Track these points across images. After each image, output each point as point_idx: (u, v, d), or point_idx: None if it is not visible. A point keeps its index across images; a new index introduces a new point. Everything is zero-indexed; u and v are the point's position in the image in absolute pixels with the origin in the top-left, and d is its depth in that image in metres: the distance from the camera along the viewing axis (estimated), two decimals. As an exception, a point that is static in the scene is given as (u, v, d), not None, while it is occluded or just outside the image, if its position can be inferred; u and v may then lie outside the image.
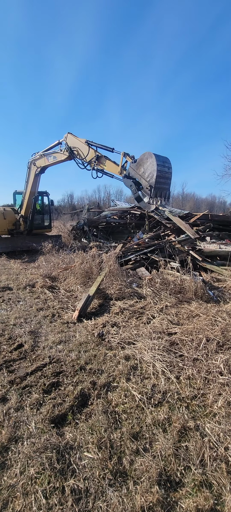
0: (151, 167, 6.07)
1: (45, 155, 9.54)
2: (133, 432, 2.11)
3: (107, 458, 1.86)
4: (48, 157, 9.48)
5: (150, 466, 1.80)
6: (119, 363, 3.04)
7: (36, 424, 2.17)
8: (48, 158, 9.45)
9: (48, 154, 9.45)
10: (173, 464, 1.82)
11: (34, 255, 9.87)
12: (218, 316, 3.95)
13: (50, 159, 9.40)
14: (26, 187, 10.73)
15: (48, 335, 3.80)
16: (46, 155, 9.52)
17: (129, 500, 1.60)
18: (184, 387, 2.64)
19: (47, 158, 9.52)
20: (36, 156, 9.91)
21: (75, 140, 8.25)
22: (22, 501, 1.59)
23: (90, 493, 1.64)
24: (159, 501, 1.57)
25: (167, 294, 5.05)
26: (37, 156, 9.83)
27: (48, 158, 9.49)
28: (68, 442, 2.00)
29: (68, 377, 2.81)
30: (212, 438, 2.02)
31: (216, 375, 2.75)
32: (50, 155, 9.41)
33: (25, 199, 10.96)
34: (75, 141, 8.25)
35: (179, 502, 1.60)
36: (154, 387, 2.63)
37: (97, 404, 2.40)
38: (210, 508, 1.55)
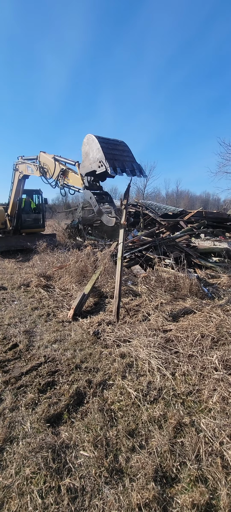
0: (94, 145, 4.93)
1: (25, 164, 9.12)
2: (129, 429, 2.11)
3: (103, 456, 1.86)
4: (27, 167, 9.02)
5: (146, 462, 1.80)
6: (114, 361, 3.04)
7: (32, 424, 2.16)
8: (28, 168, 9.00)
9: (28, 164, 8.97)
10: (169, 460, 1.83)
11: (29, 254, 9.78)
12: (212, 313, 3.98)
13: (29, 170, 8.93)
14: (11, 187, 10.63)
15: (43, 334, 3.77)
16: (26, 165, 9.05)
17: (125, 497, 1.60)
18: (180, 383, 2.65)
19: (27, 167, 9.07)
20: (19, 160, 9.53)
21: (46, 157, 7.66)
22: (18, 501, 1.57)
23: (86, 492, 1.64)
24: (155, 497, 1.58)
25: (162, 291, 5.07)
26: (20, 162, 9.47)
27: (27, 168, 9.03)
28: (64, 441, 1.99)
29: (64, 376, 2.80)
30: (208, 434, 2.04)
31: (211, 371, 2.77)
32: (29, 166, 8.89)
33: (11, 199, 10.85)
34: (46, 158, 7.67)
35: (175, 498, 1.61)
36: (149, 384, 2.64)
37: (93, 403, 2.39)
38: (206, 503, 1.57)
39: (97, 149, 4.78)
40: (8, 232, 11.55)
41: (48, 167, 7.45)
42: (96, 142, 4.77)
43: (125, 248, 7.49)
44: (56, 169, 6.97)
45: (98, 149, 4.74)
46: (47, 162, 7.52)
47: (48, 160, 7.45)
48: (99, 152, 4.72)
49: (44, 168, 7.62)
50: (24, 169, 9.27)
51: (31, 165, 8.60)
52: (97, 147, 4.75)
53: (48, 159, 7.43)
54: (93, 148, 4.91)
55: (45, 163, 7.61)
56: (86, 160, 5.18)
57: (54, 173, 7.01)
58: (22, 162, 9.32)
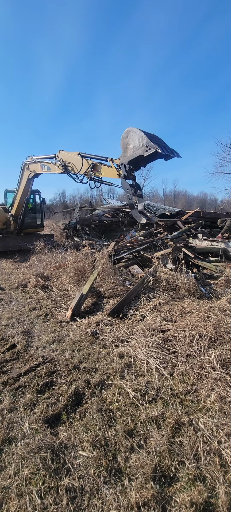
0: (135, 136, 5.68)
1: (40, 163, 9.45)
2: (128, 429, 2.12)
3: (102, 456, 1.86)
4: (42, 166, 9.41)
5: (144, 462, 1.81)
6: (112, 361, 3.04)
7: (30, 424, 2.15)
8: (43, 166, 9.40)
9: (43, 163, 9.35)
10: (167, 460, 1.84)
11: (26, 255, 9.76)
12: (210, 312, 3.99)
13: (44, 168, 9.36)
14: (18, 188, 10.62)
15: (41, 334, 3.77)
16: (41, 163, 9.43)
17: (124, 496, 1.61)
18: (178, 383, 2.67)
19: (41, 166, 9.45)
20: (30, 160, 9.79)
21: (68, 155, 8.16)
22: (17, 502, 1.57)
23: (85, 492, 1.64)
24: (154, 496, 1.59)
25: (160, 291, 5.08)
26: (32, 161, 9.72)
27: (42, 167, 9.42)
28: (63, 441, 1.99)
29: (62, 376, 2.80)
30: (206, 433, 2.05)
31: (209, 370, 2.79)
32: (44, 165, 9.32)
33: (17, 199, 10.82)
34: (68, 156, 8.16)
35: (174, 497, 1.62)
36: (148, 384, 2.64)
37: (91, 403, 2.39)
38: (204, 501, 1.58)
39: (140, 137, 5.56)
40: (11, 233, 11.47)
41: (73, 164, 8.00)
42: (139, 131, 5.58)
43: (123, 248, 7.51)
44: (84, 164, 7.56)
45: (142, 137, 5.52)
46: (71, 159, 8.05)
47: (72, 158, 8.01)
48: (143, 139, 5.50)
49: (67, 165, 8.12)
50: (37, 168, 9.57)
51: (48, 163, 9.04)
52: (141, 135, 5.54)
53: (72, 157, 7.99)
54: (135, 138, 5.68)
55: (68, 160, 8.10)
56: (127, 150, 5.91)
57: (82, 169, 7.56)
58: (35, 161, 9.55)
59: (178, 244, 8.14)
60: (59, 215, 33.51)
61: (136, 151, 5.70)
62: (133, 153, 5.78)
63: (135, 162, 6.05)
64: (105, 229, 15.28)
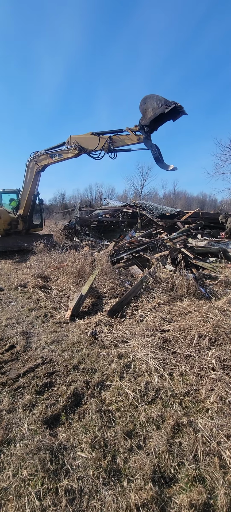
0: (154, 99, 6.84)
1: (48, 154, 9.89)
2: (127, 430, 2.11)
3: (101, 457, 1.86)
4: (52, 156, 9.87)
5: (143, 463, 1.80)
6: (112, 362, 3.03)
7: (29, 425, 2.14)
8: (53, 157, 9.87)
9: (53, 153, 9.84)
10: (167, 461, 1.83)
11: (26, 255, 9.74)
12: (210, 313, 3.99)
13: (54, 158, 9.85)
14: (24, 186, 10.76)
15: (40, 335, 3.76)
16: (50, 154, 9.88)
17: (123, 498, 1.60)
18: (177, 383, 2.66)
19: (50, 157, 9.90)
20: (36, 154, 10.15)
21: (82, 137, 9.04)
22: (15, 503, 1.56)
23: (84, 493, 1.63)
24: (153, 497, 1.58)
25: (160, 291, 5.08)
26: (40, 155, 10.08)
27: (52, 157, 9.88)
28: (62, 442, 1.98)
29: (61, 377, 2.79)
30: (205, 434, 2.05)
31: (209, 371, 2.78)
32: (54, 154, 9.81)
33: (24, 198, 10.95)
34: (82, 137, 9.03)
35: (173, 498, 1.61)
36: (147, 385, 2.64)
37: (90, 404, 2.39)
38: (204, 502, 1.57)
39: (158, 100, 6.71)
40: (19, 232, 11.54)
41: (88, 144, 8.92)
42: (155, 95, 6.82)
43: (122, 248, 7.51)
44: (101, 141, 8.54)
45: (160, 99, 6.68)
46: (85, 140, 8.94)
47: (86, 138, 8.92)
48: (161, 100, 6.64)
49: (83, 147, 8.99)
50: (46, 160, 10.07)
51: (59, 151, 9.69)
52: (158, 98, 6.71)
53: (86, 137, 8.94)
54: (153, 102, 6.82)
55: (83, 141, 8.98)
56: (147, 113, 7.03)
57: (99, 145, 8.53)
58: (43, 154, 10.01)
59: (178, 245, 8.15)
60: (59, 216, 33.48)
61: (156, 111, 6.78)
62: (154, 114, 6.85)
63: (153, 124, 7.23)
64: (105, 229, 15.28)
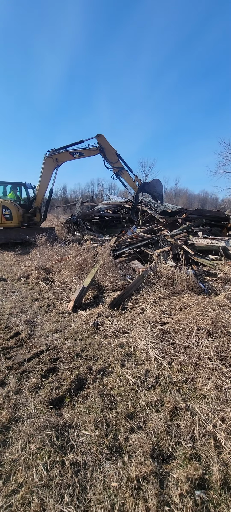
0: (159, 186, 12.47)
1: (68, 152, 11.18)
2: (128, 412, 2.23)
3: (104, 435, 1.98)
4: (73, 154, 11.21)
5: (143, 442, 1.92)
6: (113, 350, 3.15)
7: (35, 405, 2.26)
8: (74, 154, 11.22)
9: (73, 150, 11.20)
10: (165, 440, 1.95)
11: (28, 248, 9.85)
12: (208, 307, 4.10)
13: (75, 155, 11.24)
14: (41, 180, 11.45)
15: (44, 324, 3.88)
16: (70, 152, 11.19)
17: (124, 471, 1.72)
18: (176, 372, 2.78)
19: (71, 154, 11.19)
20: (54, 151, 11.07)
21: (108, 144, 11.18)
22: (24, 473, 1.69)
23: (88, 466, 1.75)
24: (152, 471, 1.70)
25: (160, 286, 5.19)
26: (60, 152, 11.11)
27: (73, 154, 11.22)
28: (67, 421, 2.10)
29: (65, 363, 2.91)
30: (202, 417, 2.17)
31: (206, 361, 2.90)
32: (75, 152, 11.21)
33: (41, 191, 11.70)
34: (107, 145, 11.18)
35: (171, 473, 1.73)
36: (147, 372, 2.76)
37: (93, 388, 2.50)
38: (199, 477, 1.69)
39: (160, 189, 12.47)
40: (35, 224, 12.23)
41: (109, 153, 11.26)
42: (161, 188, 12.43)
43: (124, 243, 7.61)
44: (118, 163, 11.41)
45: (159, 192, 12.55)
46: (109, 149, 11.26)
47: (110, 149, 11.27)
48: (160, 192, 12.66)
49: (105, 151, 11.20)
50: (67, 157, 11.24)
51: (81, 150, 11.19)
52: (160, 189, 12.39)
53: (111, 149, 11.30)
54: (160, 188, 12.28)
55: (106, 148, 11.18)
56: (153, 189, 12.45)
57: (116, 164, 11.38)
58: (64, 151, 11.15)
59: (179, 242, 8.24)
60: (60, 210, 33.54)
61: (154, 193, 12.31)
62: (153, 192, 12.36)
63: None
64: (106, 224, 15.34)
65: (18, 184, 12.55)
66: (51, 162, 11.01)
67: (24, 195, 12.62)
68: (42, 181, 11.30)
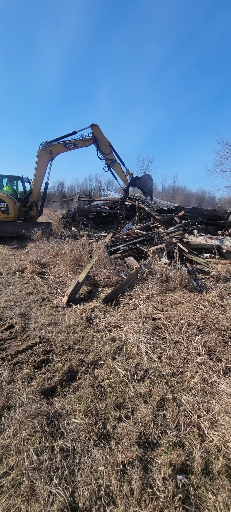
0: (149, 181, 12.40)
1: (62, 143, 11.07)
2: (117, 402, 2.32)
3: (93, 423, 2.06)
4: (67, 145, 11.09)
5: (130, 430, 2.01)
6: (105, 344, 3.24)
7: (27, 395, 2.34)
8: (67, 146, 11.10)
9: (66, 142, 11.08)
10: (151, 429, 2.04)
11: (24, 242, 9.86)
12: (200, 304, 4.21)
13: (69, 146, 11.12)
14: (35, 174, 11.35)
15: (38, 317, 3.94)
16: (64, 143, 11.08)
17: (111, 456, 1.81)
18: (165, 365, 2.87)
19: (65, 146, 11.07)
20: (47, 144, 10.96)
21: (102, 135, 11.05)
22: (16, 457, 1.76)
23: (77, 451, 1.84)
24: (138, 457, 1.79)
25: (154, 282, 5.28)
26: (53, 144, 11.00)
27: (66, 146, 11.09)
28: (57, 410, 2.19)
29: (58, 355, 2.98)
30: (187, 408, 2.27)
31: (195, 356, 3.00)
32: (69, 143, 11.08)
33: (36, 185, 11.60)
34: (101, 135, 11.04)
35: (155, 459, 1.82)
36: (137, 365, 2.84)
37: (84, 379, 2.59)
38: (182, 463, 1.78)
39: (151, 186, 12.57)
40: (32, 218, 12.18)
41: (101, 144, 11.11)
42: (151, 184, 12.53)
43: (120, 240, 7.68)
44: (111, 155, 11.28)
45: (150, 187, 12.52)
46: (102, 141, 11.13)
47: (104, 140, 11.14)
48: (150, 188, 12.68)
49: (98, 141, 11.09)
50: (61, 149, 11.15)
51: (74, 141, 11.13)
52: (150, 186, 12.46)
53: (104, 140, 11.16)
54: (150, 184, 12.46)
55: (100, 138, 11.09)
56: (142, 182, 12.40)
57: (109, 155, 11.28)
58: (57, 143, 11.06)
59: (174, 239, 8.34)
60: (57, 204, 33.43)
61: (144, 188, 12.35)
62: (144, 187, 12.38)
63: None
64: (103, 220, 15.38)
65: (14, 178, 12.51)
66: (45, 155, 10.93)
67: (21, 188, 12.58)
68: (37, 175, 11.24)
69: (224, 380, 2.61)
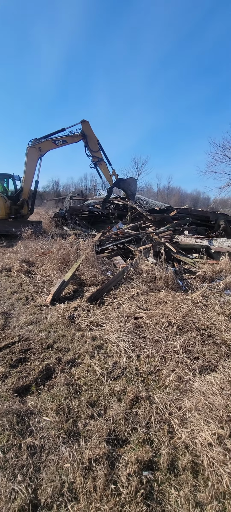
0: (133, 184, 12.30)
1: (51, 140, 10.92)
2: (91, 400, 2.32)
3: (63, 421, 2.07)
4: (56, 142, 10.98)
5: (101, 427, 2.02)
6: (85, 343, 3.24)
7: (0, 393, 2.33)
8: (56, 142, 10.99)
9: (55, 139, 10.96)
10: (122, 426, 2.06)
11: (13, 240, 9.78)
12: (183, 304, 4.25)
13: (58, 143, 11.02)
14: (25, 172, 11.20)
15: (20, 316, 3.92)
16: (52, 140, 10.93)
17: (78, 454, 1.81)
18: (143, 364, 2.89)
19: (54, 142, 10.95)
20: (36, 141, 10.83)
21: (91, 132, 11.02)
22: (-19, 455, 1.76)
23: (44, 449, 1.84)
24: (105, 454, 1.80)
25: (139, 282, 5.30)
26: (42, 141, 10.86)
27: (55, 142, 10.98)
28: (29, 408, 2.18)
29: (36, 353, 2.98)
30: (160, 406, 2.29)
31: (173, 354, 3.03)
32: (57, 140, 10.97)
33: (27, 183, 11.44)
34: (91, 132, 11.01)
35: (123, 455, 1.84)
36: (115, 364, 2.86)
37: (60, 377, 2.59)
38: (148, 459, 1.80)
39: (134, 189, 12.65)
40: (23, 216, 12.04)
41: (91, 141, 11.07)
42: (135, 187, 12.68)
43: (109, 239, 7.69)
44: (99, 153, 11.21)
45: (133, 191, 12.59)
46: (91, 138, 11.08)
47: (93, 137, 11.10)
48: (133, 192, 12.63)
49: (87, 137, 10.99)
50: (50, 145, 11.03)
51: (63, 137, 11.03)
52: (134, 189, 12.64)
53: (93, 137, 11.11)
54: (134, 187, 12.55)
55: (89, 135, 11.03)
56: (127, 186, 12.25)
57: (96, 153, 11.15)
58: (46, 140, 10.93)
59: (163, 239, 8.39)
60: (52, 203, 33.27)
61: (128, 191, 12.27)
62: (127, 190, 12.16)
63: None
64: (95, 220, 15.38)
65: (5, 176, 12.40)
66: (35, 152, 10.85)
67: (12, 186, 12.48)
68: (27, 173, 11.15)
69: (199, 378, 2.65)
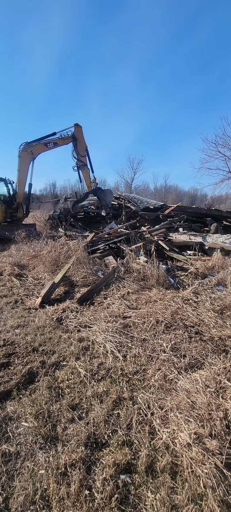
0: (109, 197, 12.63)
1: (42, 143, 11.12)
2: (72, 403, 2.28)
3: (42, 426, 2.02)
4: (47, 144, 11.19)
5: (80, 431, 1.98)
6: (71, 345, 3.20)
7: (-20, 399, 2.28)
8: (48, 145, 11.20)
9: (47, 141, 11.18)
10: (102, 429, 2.01)
11: (7, 244, 9.73)
12: (172, 301, 4.21)
13: (50, 146, 11.24)
14: (19, 176, 11.24)
15: (7, 320, 3.87)
16: (44, 143, 11.15)
17: (55, 459, 1.77)
18: (129, 364, 2.85)
19: (45, 145, 11.17)
20: (27, 144, 10.92)
21: (82, 137, 11.40)
22: None
23: (20, 456, 1.80)
24: (81, 458, 1.76)
25: (131, 281, 5.26)
26: (34, 144, 11.00)
27: (47, 145, 11.20)
28: (8, 414, 2.14)
29: (20, 357, 2.93)
30: (142, 406, 2.24)
31: (160, 353, 2.99)
32: (49, 143, 11.19)
33: (20, 187, 11.48)
34: (81, 138, 11.39)
35: (101, 459, 1.79)
36: (100, 365, 2.81)
37: (43, 381, 2.54)
38: (127, 462, 1.76)
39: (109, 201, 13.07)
40: (18, 219, 12.07)
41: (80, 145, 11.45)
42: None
43: (101, 239, 7.64)
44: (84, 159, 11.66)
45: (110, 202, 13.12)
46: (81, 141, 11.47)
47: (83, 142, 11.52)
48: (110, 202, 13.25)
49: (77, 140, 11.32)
50: (41, 148, 11.23)
51: (54, 140, 11.26)
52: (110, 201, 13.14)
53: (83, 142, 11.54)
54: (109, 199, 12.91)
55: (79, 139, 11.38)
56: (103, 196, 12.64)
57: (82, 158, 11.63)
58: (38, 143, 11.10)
59: (157, 237, 8.36)
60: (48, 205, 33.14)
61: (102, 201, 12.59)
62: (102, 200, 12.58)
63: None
64: (91, 221, 15.35)
65: None
66: (27, 155, 10.92)
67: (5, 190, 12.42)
68: (20, 176, 11.20)
69: (185, 376, 2.61)
